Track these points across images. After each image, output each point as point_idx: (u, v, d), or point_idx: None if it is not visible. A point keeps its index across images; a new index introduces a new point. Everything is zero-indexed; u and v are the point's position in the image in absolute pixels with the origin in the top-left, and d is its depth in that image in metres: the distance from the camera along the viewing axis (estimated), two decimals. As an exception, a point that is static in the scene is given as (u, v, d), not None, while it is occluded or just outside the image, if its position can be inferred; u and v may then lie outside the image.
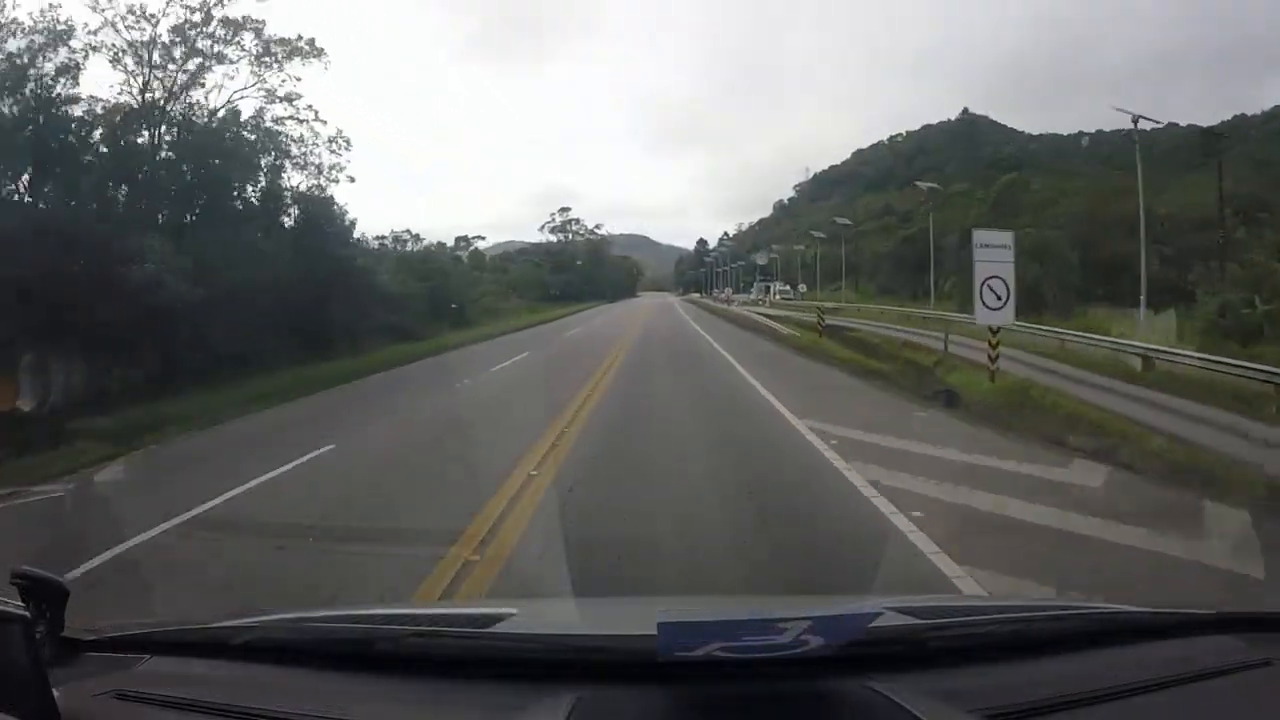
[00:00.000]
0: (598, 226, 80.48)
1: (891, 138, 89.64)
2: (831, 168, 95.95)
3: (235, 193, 24.34)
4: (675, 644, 1.33)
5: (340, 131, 26.26)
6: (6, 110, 19.20)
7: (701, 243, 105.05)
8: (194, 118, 23.30)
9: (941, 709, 1.33)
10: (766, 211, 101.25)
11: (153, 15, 21.97)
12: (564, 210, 78.80)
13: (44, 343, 14.12)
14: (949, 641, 1.60)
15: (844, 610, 1.59)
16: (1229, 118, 53.77)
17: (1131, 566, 5.01)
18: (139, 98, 22.03)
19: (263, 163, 25.14)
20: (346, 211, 27.82)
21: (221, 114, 23.76)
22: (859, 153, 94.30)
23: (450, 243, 56.19)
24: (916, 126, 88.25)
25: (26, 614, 1.31)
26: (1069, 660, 1.57)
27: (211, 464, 9.37)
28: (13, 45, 19.26)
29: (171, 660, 1.66)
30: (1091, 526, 5.78)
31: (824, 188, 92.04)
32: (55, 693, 1.27)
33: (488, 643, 1.61)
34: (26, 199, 19.80)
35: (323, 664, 1.58)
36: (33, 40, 19.51)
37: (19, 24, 19.50)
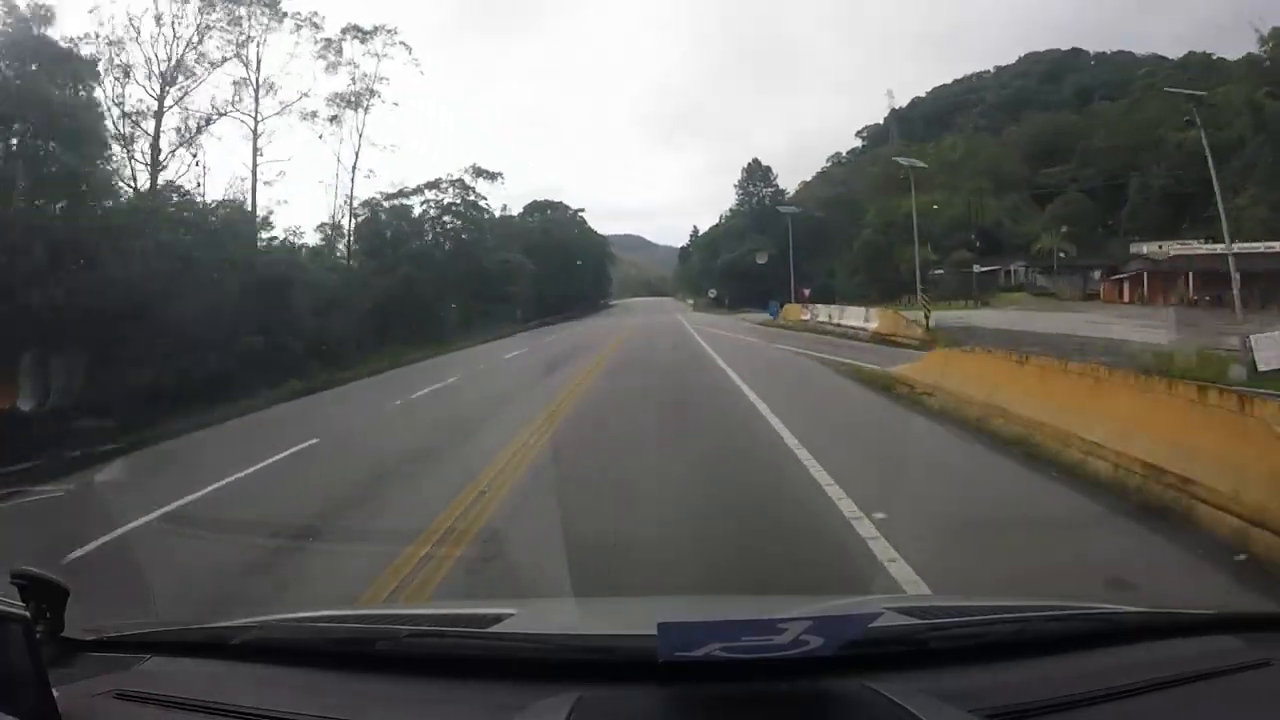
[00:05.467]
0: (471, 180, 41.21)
1: (979, 74, 74.07)
2: (915, 102, 74.81)
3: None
4: (675, 644, 1.33)
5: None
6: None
7: (756, 169, 55.56)
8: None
9: (941, 709, 1.33)
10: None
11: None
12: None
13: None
14: (949, 641, 1.60)
15: (843, 610, 1.59)
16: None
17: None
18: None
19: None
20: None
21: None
22: (939, 89, 74.77)
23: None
24: (1012, 59, 74.50)
25: (26, 614, 1.31)
26: (1069, 660, 1.57)
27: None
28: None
29: (171, 660, 1.66)
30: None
31: (914, 127, 67.67)
32: (55, 693, 1.27)
33: (488, 643, 1.61)
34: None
35: (323, 664, 1.58)
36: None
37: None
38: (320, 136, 36.38)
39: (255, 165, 29.57)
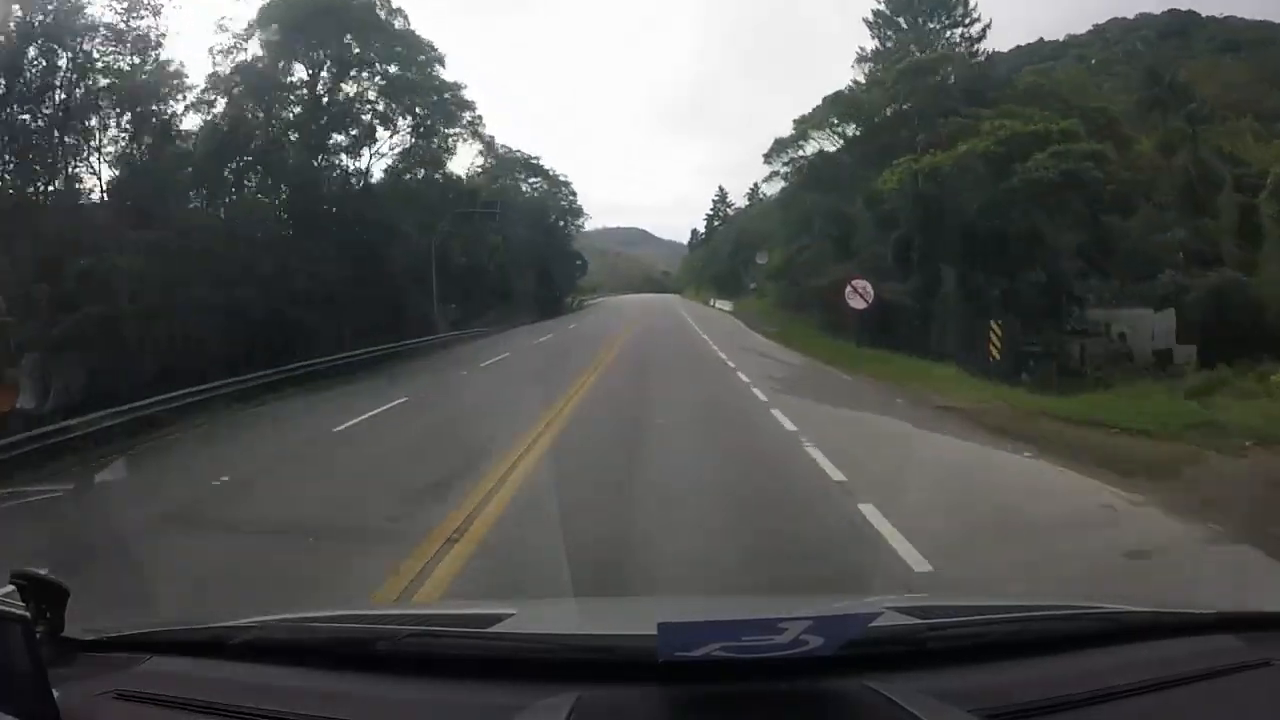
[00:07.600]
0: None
1: (1046, 41, 54.34)
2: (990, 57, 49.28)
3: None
4: (675, 644, 1.33)
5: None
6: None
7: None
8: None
9: (941, 709, 1.32)
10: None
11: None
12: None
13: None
14: (949, 641, 1.60)
15: (844, 610, 1.59)
16: None
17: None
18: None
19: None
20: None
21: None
22: (1017, 50, 57.16)
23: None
24: (1103, 20, 57.85)
25: (26, 614, 1.31)
26: (1069, 660, 1.57)
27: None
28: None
29: (171, 660, 1.66)
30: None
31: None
32: (55, 693, 1.27)
33: (488, 643, 1.61)
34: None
35: (323, 664, 1.58)
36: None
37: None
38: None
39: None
